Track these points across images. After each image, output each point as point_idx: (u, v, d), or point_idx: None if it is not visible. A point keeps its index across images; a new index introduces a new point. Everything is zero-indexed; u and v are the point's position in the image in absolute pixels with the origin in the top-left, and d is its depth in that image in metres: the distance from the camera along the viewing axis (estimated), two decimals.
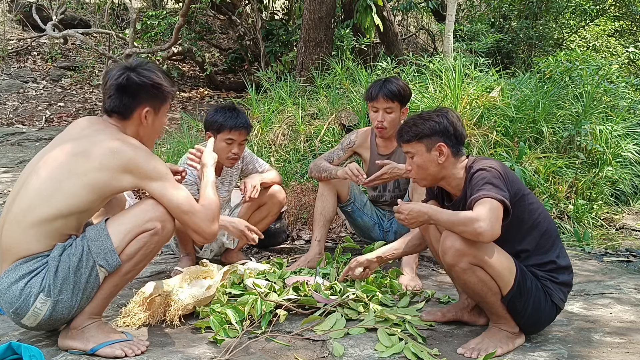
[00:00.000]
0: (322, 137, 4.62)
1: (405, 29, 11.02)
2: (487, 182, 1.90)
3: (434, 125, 2.04)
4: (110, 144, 1.87)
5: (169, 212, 1.93)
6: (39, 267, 1.80)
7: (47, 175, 1.84)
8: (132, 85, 1.95)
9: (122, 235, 1.85)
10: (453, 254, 1.89)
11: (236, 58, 9.29)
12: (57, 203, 1.81)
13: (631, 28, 9.48)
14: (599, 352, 1.99)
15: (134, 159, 1.87)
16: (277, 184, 3.12)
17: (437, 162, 2.05)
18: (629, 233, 3.92)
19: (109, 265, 1.83)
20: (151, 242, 1.90)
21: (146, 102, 1.99)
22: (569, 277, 2.05)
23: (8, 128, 7.37)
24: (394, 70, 5.51)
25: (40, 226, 1.81)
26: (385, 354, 1.95)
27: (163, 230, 1.92)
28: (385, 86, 2.93)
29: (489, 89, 4.68)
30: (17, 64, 9.72)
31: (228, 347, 1.97)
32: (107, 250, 1.82)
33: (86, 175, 1.83)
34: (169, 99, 2.06)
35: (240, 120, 2.85)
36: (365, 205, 3.18)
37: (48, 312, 1.80)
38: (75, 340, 1.89)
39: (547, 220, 2.04)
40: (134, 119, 1.99)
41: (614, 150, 4.40)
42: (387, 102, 2.93)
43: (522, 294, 1.93)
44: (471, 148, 4.09)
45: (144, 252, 1.90)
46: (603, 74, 4.90)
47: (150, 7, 10.33)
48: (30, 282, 1.79)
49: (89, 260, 1.81)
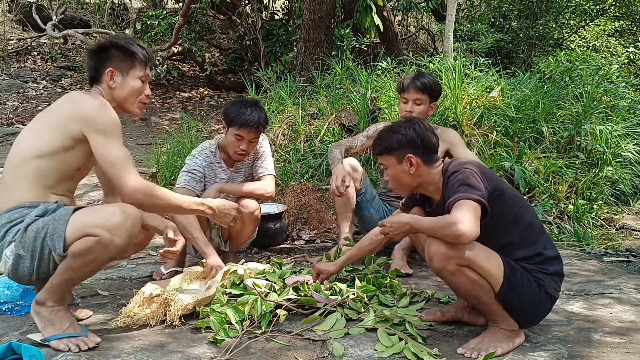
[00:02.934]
0: (322, 137, 4.62)
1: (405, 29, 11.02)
2: (462, 184, 1.94)
3: (401, 137, 2.10)
4: (76, 96, 2.04)
5: (125, 227, 1.88)
6: (18, 217, 1.91)
7: (26, 133, 2.04)
8: (97, 49, 2.14)
9: (75, 228, 1.87)
10: (439, 258, 1.92)
11: (236, 58, 9.29)
12: (28, 144, 1.98)
13: (631, 28, 9.48)
14: (599, 352, 1.99)
15: (87, 109, 1.96)
16: (253, 197, 2.96)
17: (409, 172, 2.10)
18: (629, 233, 3.92)
19: (54, 249, 1.88)
20: (94, 249, 1.86)
21: (110, 63, 2.10)
22: (559, 267, 2.06)
23: (8, 128, 7.37)
24: (394, 70, 5.51)
25: (21, 167, 1.96)
26: (385, 354, 1.95)
27: (109, 242, 1.86)
28: (417, 78, 3.07)
29: (489, 89, 4.69)
30: (17, 64, 9.72)
31: (228, 347, 1.97)
32: (58, 234, 1.87)
33: (49, 119, 2.00)
34: (136, 62, 2.14)
35: (252, 118, 2.78)
36: (374, 199, 3.20)
37: (11, 264, 1.91)
38: (39, 317, 1.97)
39: (530, 213, 2.06)
40: (104, 82, 2.11)
41: (614, 150, 4.40)
42: (417, 94, 3.05)
43: (514, 288, 1.94)
44: (471, 148, 4.08)
45: (87, 256, 1.87)
46: (603, 74, 4.90)
47: (150, 7, 10.33)
48: (9, 230, 1.92)
49: (46, 234, 1.89)
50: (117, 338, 2.07)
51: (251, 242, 3.53)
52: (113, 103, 2.08)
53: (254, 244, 3.55)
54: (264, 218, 3.28)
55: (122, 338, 2.08)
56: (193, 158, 2.91)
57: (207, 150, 2.94)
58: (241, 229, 3.01)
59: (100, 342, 2.00)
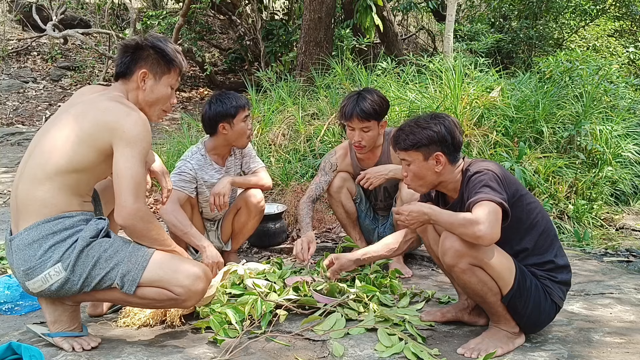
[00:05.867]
0: (322, 137, 4.62)
1: (405, 29, 11.02)
2: (485, 185, 1.89)
3: (432, 134, 2.00)
4: (105, 103, 1.92)
5: (202, 292, 1.96)
6: (64, 233, 1.82)
7: (55, 134, 1.90)
8: (133, 45, 2.01)
9: (154, 279, 1.87)
10: (453, 254, 1.89)
11: (236, 58, 9.29)
12: (68, 154, 1.85)
13: (631, 28, 9.47)
14: (599, 352, 1.99)
15: (120, 119, 1.87)
16: (259, 187, 3.02)
17: (435, 170, 2.03)
18: (629, 233, 3.92)
19: (122, 287, 1.85)
20: (167, 302, 1.95)
21: (145, 64, 2.01)
22: (568, 276, 2.05)
23: (8, 128, 7.37)
24: (394, 71, 5.51)
25: (55, 179, 1.84)
26: (385, 354, 1.95)
27: (183, 302, 1.94)
28: (358, 105, 2.77)
29: (489, 89, 4.68)
30: (17, 64, 9.72)
31: (228, 347, 1.97)
32: (131, 278, 1.85)
33: (83, 131, 1.87)
34: (172, 68, 2.05)
35: (243, 97, 2.90)
36: (369, 209, 3.18)
37: (57, 284, 1.82)
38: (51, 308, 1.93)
39: (545, 220, 2.04)
40: (133, 81, 2.02)
41: (614, 150, 4.40)
42: (363, 122, 2.79)
43: (522, 294, 1.93)
44: (471, 148, 4.09)
45: (155, 303, 1.96)
46: (603, 74, 4.89)
47: (150, 7, 10.32)
48: (55, 247, 1.81)
49: (112, 269, 1.84)
50: (117, 338, 2.08)
51: (251, 242, 3.54)
52: (137, 105, 2.01)
53: (254, 244, 3.55)
54: (264, 218, 3.27)
55: (122, 338, 2.08)
56: (184, 162, 2.92)
57: (197, 154, 2.95)
58: (246, 222, 3.04)
59: (100, 342, 2.00)
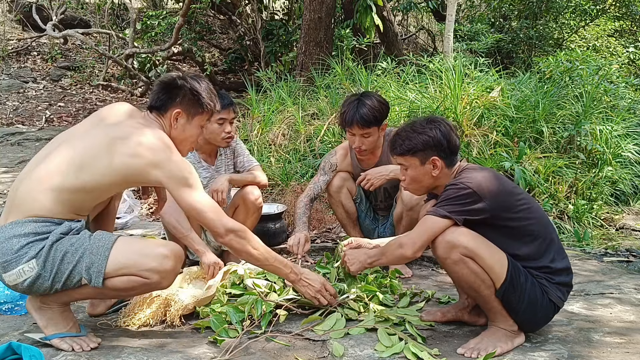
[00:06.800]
0: (322, 137, 4.63)
1: (405, 29, 11.02)
2: (445, 199, 1.97)
3: (428, 139, 2.04)
4: (150, 138, 1.93)
5: (174, 270, 1.95)
6: (45, 232, 1.84)
7: (83, 149, 1.90)
8: (172, 84, 2.06)
9: (119, 267, 1.86)
10: (444, 246, 1.93)
11: (236, 58, 9.28)
12: (85, 176, 1.87)
13: (631, 28, 9.47)
14: (599, 352, 1.99)
15: (168, 160, 1.91)
16: (255, 184, 3.02)
17: (432, 174, 2.07)
18: (629, 233, 3.92)
19: (90, 281, 1.85)
20: (142, 288, 1.94)
21: (180, 104, 2.05)
22: (567, 278, 2.04)
23: (8, 128, 7.36)
24: (394, 71, 5.51)
25: (61, 193, 1.86)
26: (385, 354, 1.95)
27: (157, 284, 1.94)
28: (358, 112, 2.78)
29: (489, 89, 4.69)
30: (17, 64, 9.72)
31: (228, 347, 1.97)
32: (96, 270, 1.84)
33: (119, 159, 1.88)
34: (205, 111, 2.09)
35: (225, 99, 2.82)
36: (369, 209, 3.18)
37: (30, 280, 1.83)
38: (40, 314, 1.94)
39: (541, 226, 2.02)
40: (166, 118, 2.06)
41: (614, 150, 4.40)
42: (363, 129, 2.81)
43: (515, 288, 1.94)
44: (471, 148, 4.09)
45: (131, 292, 1.96)
46: (603, 74, 4.89)
47: (150, 7, 10.32)
48: (33, 244, 1.82)
49: (78, 263, 1.84)
50: (117, 338, 2.07)
51: None
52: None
53: None
54: (264, 218, 3.27)
55: (122, 338, 2.08)
56: None
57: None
58: (244, 220, 3.01)
59: (101, 342, 2.00)
